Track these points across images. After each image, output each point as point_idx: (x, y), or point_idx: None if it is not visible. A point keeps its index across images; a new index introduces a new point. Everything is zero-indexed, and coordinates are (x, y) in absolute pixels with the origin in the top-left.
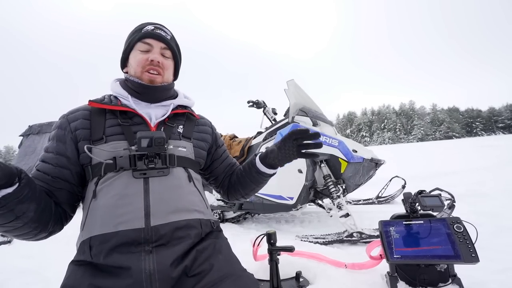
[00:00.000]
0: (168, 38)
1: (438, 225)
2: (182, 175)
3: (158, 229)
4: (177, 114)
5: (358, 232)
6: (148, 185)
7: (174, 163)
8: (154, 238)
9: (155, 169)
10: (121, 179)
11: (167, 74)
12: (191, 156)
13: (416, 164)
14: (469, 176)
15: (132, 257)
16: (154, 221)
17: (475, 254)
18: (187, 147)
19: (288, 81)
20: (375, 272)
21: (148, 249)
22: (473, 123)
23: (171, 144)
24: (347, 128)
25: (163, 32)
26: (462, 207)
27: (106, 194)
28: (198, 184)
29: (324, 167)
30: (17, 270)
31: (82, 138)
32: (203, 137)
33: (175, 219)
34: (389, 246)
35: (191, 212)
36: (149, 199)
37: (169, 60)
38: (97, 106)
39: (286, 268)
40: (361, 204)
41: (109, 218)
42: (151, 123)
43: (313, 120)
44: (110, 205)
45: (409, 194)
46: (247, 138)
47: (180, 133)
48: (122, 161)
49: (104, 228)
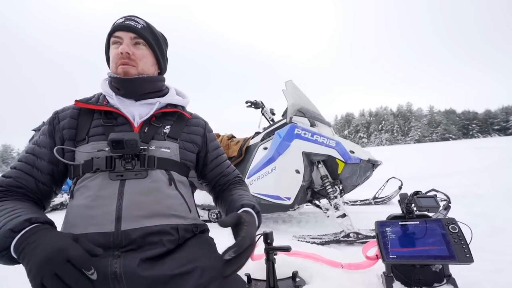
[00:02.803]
0: (138, 27)
1: (434, 225)
2: (161, 178)
3: (129, 233)
4: (167, 113)
5: (354, 232)
6: (123, 188)
7: (153, 165)
8: (123, 242)
9: (132, 171)
10: (96, 180)
11: (141, 64)
12: (176, 157)
13: (413, 166)
14: (465, 177)
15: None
16: (125, 225)
17: (469, 255)
18: (172, 148)
19: (286, 81)
20: (371, 272)
21: (117, 253)
22: (469, 125)
23: (153, 145)
24: (345, 129)
25: (133, 22)
26: (458, 208)
27: (81, 195)
28: (182, 187)
29: (322, 168)
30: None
31: (67, 138)
32: (192, 138)
33: (147, 224)
34: (385, 246)
35: (168, 217)
36: (122, 202)
37: (143, 50)
38: (82, 105)
39: (282, 268)
40: (358, 205)
41: (81, 219)
42: (134, 123)
43: (310, 120)
44: (83, 206)
45: (405, 195)
46: (245, 138)
47: (166, 133)
48: (98, 162)
49: (76, 229)
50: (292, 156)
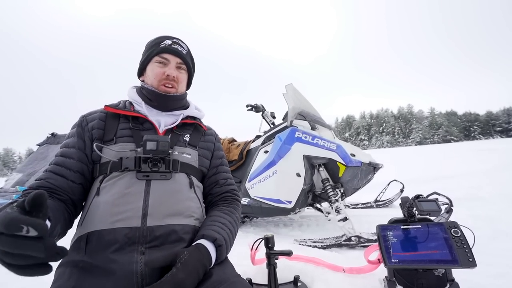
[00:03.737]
0: (184, 53)
1: (436, 229)
2: (183, 181)
3: (153, 229)
4: (186, 124)
5: (356, 236)
6: (149, 187)
7: (177, 169)
8: (148, 238)
9: (158, 173)
10: (124, 179)
11: (181, 86)
12: (195, 163)
13: (415, 168)
14: (467, 180)
15: (124, 257)
16: (151, 221)
17: (472, 259)
18: (192, 154)
19: (286, 85)
20: (373, 276)
21: (141, 249)
22: (471, 126)
23: (176, 150)
24: (346, 132)
25: (180, 47)
26: (460, 211)
27: (108, 192)
28: (199, 192)
29: (323, 171)
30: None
31: (96, 138)
32: (208, 146)
33: (171, 222)
34: (387, 250)
35: (187, 218)
36: (149, 200)
37: (184, 74)
38: (112, 110)
39: (284, 272)
40: (359, 208)
41: (108, 215)
42: (159, 129)
43: (311, 124)
44: (110, 202)
45: (406, 198)
46: (246, 141)
47: (186, 141)
48: (127, 161)
49: (102, 224)
50: (293, 160)
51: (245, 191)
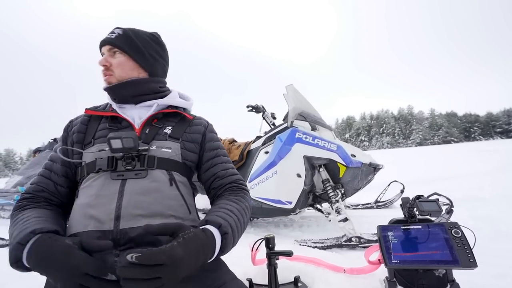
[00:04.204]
0: (112, 38)
1: (436, 230)
2: (162, 178)
3: (127, 232)
4: (169, 115)
5: (356, 236)
6: (124, 187)
7: (153, 165)
8: (122, 241)
9: (132, 171)
10: (99, 180)
11: (118, 71)
12: (177, 158)
13: (415, 169)
14: (468, 180)
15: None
16: (124, 223)
17: (473, 259)
18: (173, 148)
19: (287, 86)
20: (374, 277)
21: (116, 252)
22: (471, 127)
23: (154, 145)
24: (346, 133)
25: (110, 34)
26: (460, 212)
27: (83, 194)
28: (183, 188)
29: (323, 172)
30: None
31: (75, 141)
32: (194, 137)
33: (145, 223)
34: (387, 251)
35: (167, 218)
36: (122, 201)
37: (120, 57)
38: (90, 112)
39: (284, 273)
40: (359, 209)
41: (83, 217)
42: (135, 125)
43: (311, 124)
44: (85, 204)
45: (407, 199)
46: (246, 142)
47: (167, 133)
48: (101, 162)
49: (78, 227)
50: (293, 160)
51: None
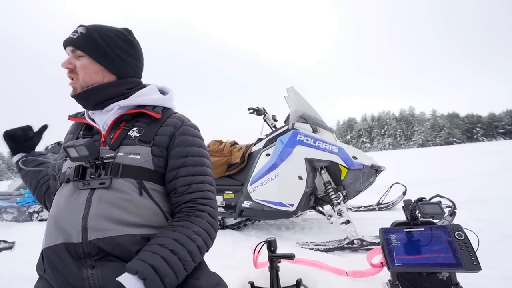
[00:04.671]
0: (74, 38)
1: (439, 232)
2: (128, 187)
3: (96, 243)
4: (139, 115)
5: (359, 239)
6: (91, 196)
7: (117, 174)
8: (93, 252)
9: (96, 180)
10: (68, 190)
11: (82, 75)
12: (147, 164)
13: (417, 170)
14: (470, 182)
15: (74, 274)
16: (91, 235)
17: (477, 262)
18: (142, 154)
19: (288, 88)
20: (376, 280)
21: (90, 263)
22: (473, 128)
23: (121, 151)
24: (347, 134)
25: (73, 33)
26: (463, 214)
27: (55, 205)
28: (158, 195)
29: (324, 174)
30: (19, 276)
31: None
32: (161, 140)
33: (114, 234)
34: (390, 253)
35: (138, 227)
36: (89, 211)
37: (83, 60)
38: (72, 120)
39: (286, 276)
40: (361, 211)
41: (53, 230)
42: (102, 131)
43: (313, 127)
44: (53, 216)
45: (409, 201)
46: (248, 144)
47: (137, 137)
48: (70, 171)
49: (48, 240)
50: (294, 162)
51: (247, 194)
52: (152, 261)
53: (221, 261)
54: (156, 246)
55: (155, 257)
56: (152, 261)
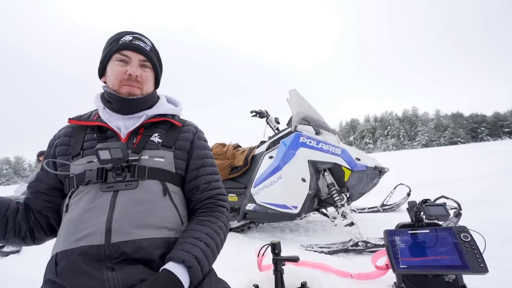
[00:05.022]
0: (147, 50)
1: (445, 234)
2: (154, 189)
3: (119, 246)
4: (157, 123)
5: (363, 241)
6: (115, 199)
7: (143, 176)
8: (115, 255)
9: (122, 182)
10: (90, 193)
11: (146, 86)
12: (170, 167)
13: (421, 171)
14: (476, 182)
15: (94, 276)
16: (115, 237)
17: (483, 264)
18: (166, 157)
19: (290, 90)
20: (382, 282)
21: (110, 265)
22: (478, 128)
23: (146, 155)
24: (350, 136)
25: (142, 43)
26: (469, 215)
27: (74, 208)
28: (177, 198)
29: (328, 176)
30: (26, 279)
31: (59, 154)
32: (183, 145)
33: (138, 237)
34: (395, 256)
35: (160, 230)
36: (113, 213)
37: (149, 72)
38: (74, 122)
39: (291, 278)
40: (365, 213)
41: (72, 233)
42: (121, 135)
43: (315, 129)
44: (74, 219)
45: (413, 202)
46: (251, 147)
47: (160, 142)
48: (90, 174)
49: (66, 243)
50: (298, 165)
51: (250, 197)
52: (194, 252)
53: (225, 264)
54: (193, 239)
55: (195, 249)
56: (195, 252)
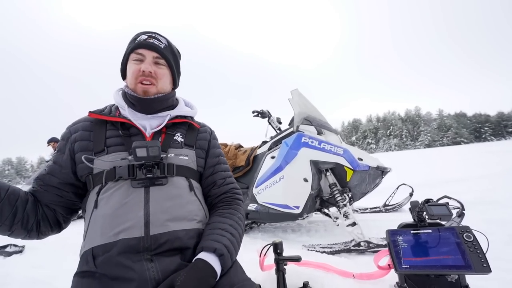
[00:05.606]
0: (161, 47)
1: (447, 234)
2: (182, 184)
3: (157, 237)
4: (177, 123)
5: (365, 241)
6: (148, 194)
7: (172, 172)
8: (153, 246)
9: (153, 179)
10: (121, 189)
11: (161, 83)
12: (193, 165)
13: (424, 171)
14: (479, 182)
15: (134, 266)
16: (154, 229)
17: (486, 264)
18: (189, 155)
19: (292, 90)
20: (384, 282)
21: (148, 257)
22: (481, 128)
23: (171, 153)
24: (353, 136)
25: (156, 40)
26: (472, 215)
27: (106, 204)
28: (199, 193)
29: (330, 176)
30: (28, 280)
31: (80, 149)
32: (202, 144)
33: (174, 228)
34: (397, 255)
35: (191, 221)
36: (149, 208)
37: (164, 69)
38: (96, 117)
39: (293, 278)
40: (368, 213)
41: (110, 227)
42: (146, 133)
43: (317, 129)
44: (110, 214)
45: (416, 202)
46: (252, 147)
47: (182, 141)
48: (121, 170)
49: (104, 238)
50: (299, 165)
51: (252, 197)
52: (223, 241)
53: None
54: (220, 230)
55: (224, 239)
56: (224, 241)
